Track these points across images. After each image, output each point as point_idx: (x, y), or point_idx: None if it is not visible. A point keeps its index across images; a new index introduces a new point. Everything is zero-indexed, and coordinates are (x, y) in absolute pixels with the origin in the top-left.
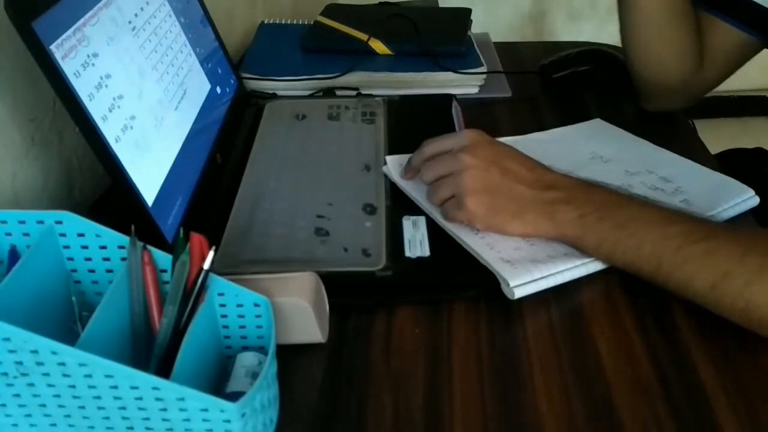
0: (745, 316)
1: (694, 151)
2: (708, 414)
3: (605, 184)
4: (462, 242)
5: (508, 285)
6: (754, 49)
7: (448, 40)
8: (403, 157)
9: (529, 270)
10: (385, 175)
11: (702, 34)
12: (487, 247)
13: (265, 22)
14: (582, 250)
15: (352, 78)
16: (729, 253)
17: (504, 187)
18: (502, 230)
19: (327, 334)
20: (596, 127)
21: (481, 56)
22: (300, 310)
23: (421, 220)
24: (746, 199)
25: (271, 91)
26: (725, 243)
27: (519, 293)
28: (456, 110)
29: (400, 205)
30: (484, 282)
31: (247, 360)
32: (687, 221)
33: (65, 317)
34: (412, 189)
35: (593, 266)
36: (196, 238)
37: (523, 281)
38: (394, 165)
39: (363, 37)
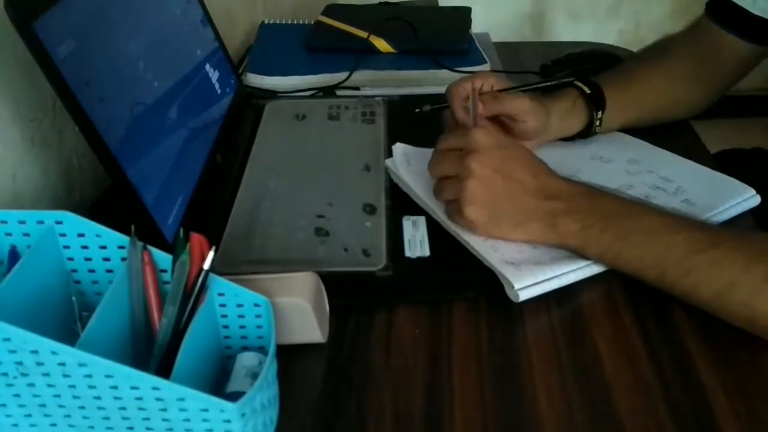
0: (751, 324)
1: (693, 151)
2: (708, 414)
3: (612, 190)
4: (465, 243)
5: (513, 288)
6: (758, 56)
7: (449, 38)
8: (409, 148)
9: (533, 272)
10: (386, 173)
11: (714, 46)
12: (491, 249)
13: (266, 22)
14: (585, 258)
15: (356, 76)
16: (733, 263)
17: (505, 198)
18: (502, 238)
19: (327, 334)
20: None
21: (483, 53)
22: (300, 310)
23: (421, 220)
24: (747, 198)
25: (275, 90)
26: (730, 252)
27: (524, 296)
28: (474, 96)
29: (400, 205)
30: (484, 282)
31: (247, 360)
32: (692, 229)
33: (65, 317)
34: (415, 184)
35: (597, 268)
36: (196, 238)
37: (528, 284)
38: (399, 156)
39: (364, 35)
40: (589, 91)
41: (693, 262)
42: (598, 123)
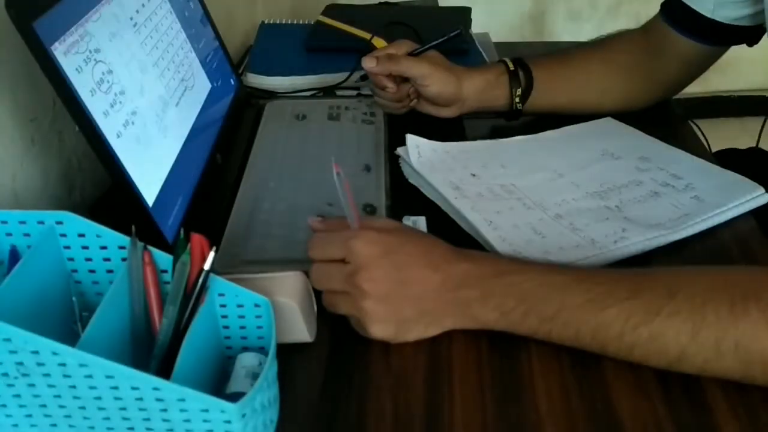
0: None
1: (694, 151)
2: (707, 414)
3: (525, 258)
4: (475, 234)
5: None
6: (709, 56)
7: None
8: (421, 140)
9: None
10: (386, 173)
11: (660, 42)
12: (500, 239)
13: (266, 22)
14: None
15: (357, 75)
16: (677, 334)
17: (410, 304)
18: (419, 338)
19: (315, 334)
20: (607, 125)
21: (483, 53)
22: (287, 310)
23: (422, 220)
24: (756, 196)
25: (275, 90)
26: (669, 323)
27: None
28: (346, 196)
29: (400, 205)
30: None
31: (247, 360)
32: (621, 299)
33: (66, 318)
34: (425, 172)
35: (604, 258)
36: (197, 239)
37: None
38: (411, 145)
39: (366, 36)
40: (512, 68)
41: (632, 339)
42: (517, 100)
